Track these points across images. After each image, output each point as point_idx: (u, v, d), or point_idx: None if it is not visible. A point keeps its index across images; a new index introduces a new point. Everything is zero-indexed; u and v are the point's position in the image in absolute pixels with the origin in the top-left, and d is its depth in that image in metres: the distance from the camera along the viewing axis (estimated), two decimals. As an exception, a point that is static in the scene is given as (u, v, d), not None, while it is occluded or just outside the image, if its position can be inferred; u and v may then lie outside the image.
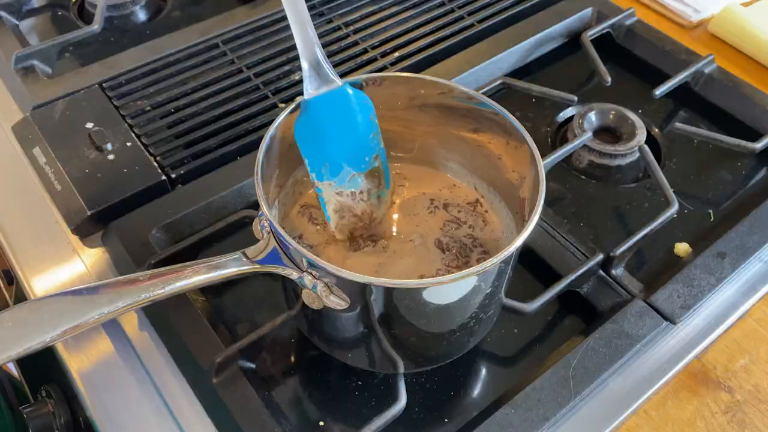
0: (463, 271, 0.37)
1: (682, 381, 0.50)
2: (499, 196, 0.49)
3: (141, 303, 0.35)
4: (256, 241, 0.42)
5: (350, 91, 0.45)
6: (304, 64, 0.43)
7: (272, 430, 0.44)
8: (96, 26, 0.71)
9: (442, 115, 0.48)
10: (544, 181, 0.40)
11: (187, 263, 0.37)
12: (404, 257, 0.46)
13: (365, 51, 0.71)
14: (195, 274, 0.37)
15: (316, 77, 0.44)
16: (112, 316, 0.34)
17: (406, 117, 0.49)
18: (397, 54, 0.70)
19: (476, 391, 0.50)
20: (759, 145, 0.61)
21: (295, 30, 0.43)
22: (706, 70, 0.68)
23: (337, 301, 0.38)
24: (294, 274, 0.38)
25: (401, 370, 0.46)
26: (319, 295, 0.38)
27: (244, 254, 0.39)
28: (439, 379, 0.50)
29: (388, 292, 0.38)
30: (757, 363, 0.51)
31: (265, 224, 0.39)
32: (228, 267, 0.38)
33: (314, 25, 0.72)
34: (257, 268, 0.39)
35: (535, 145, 0.43)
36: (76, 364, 0.50)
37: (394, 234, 0.48)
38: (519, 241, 0.37)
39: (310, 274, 0.38)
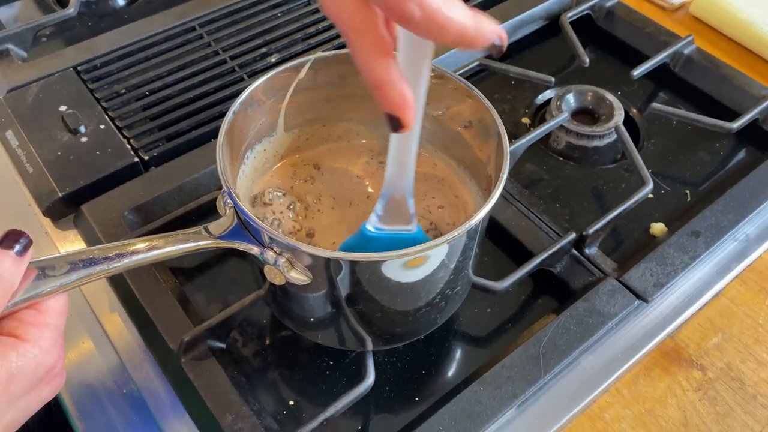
0: (426, 243, 0.37)
1: (654, 359, 0.50)
2: (469, 174, 0.48)
3: (96, 276, 0.35)
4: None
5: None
6: (382, 201, 0.39)
7: (240, 409, 0.44)
8: (71, 10, 0.70)
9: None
10: (507, 149, 0.40)
11: (145, 237, 0.37)
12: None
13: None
14: (152, 249, 0.36)
15: (392, 213, 0.39)
16: (65, 290, 0.34)
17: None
18: (375, 36, 0.70)
19: (448, 369, 0.49)
20: (736, 125, 0.61)
21: (393, 168, 0.38)
22: (685, 51, 0.68)
23: (299, 277, 0.38)
24: (255, 249, 0.38)
25: (370, 347, 0.45)
26: (281, 270, 0.38)
27: (206, 229, 0.39)
28: (411, 358, 0.49)
29: (351, 266, 0.38)
30: (730, 341, 0.51)
31: (228, 199, 0.39)
32: (187, 241, 0.38)
33: (296, 7, 0.72)
34: (217, 243, 0.39)
35: (495, 110, 0.42)
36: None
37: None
38: (483, 212, 0.37)
39: (272, 249, 0.38)
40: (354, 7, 0.29)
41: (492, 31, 0.30)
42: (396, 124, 0.31)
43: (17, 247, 0.33)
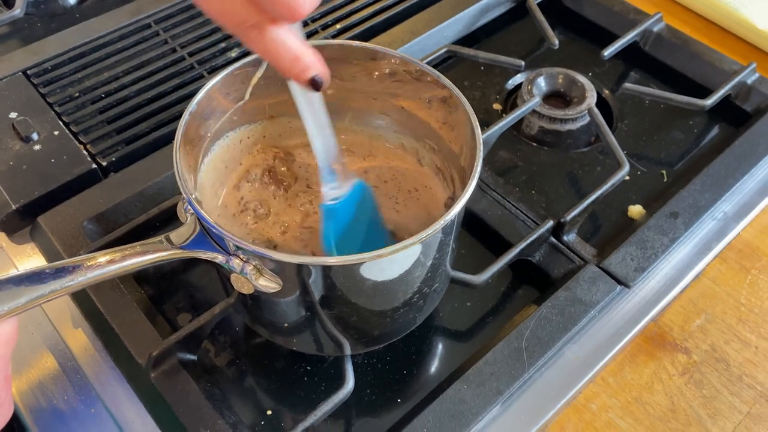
0: (400, 243, 0.35)
1: (638, 345, 0.49)
2: (445, 164, 0.47)
3: (47, 297, 0.32)
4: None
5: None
6: (325, 172, 0.39)
7: (215, 423, 0.42)
8: (18, 11, 0.67)
9: (380, 83, 0.46)
10: (480, 141, 0.38)
11: (102, 251, 0.35)
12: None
13: (305, 24, 0.68)
14: (109, 264, 0.34)
15: (335, 178, 0.40)
16: (13, 314, 0.31)
17: (344, 85, 0.46)
18: (338, 26, 0.68)
19: (430, 367, 0.48)
20: (709, 102, 0.60)
21: (313, 135, 0.38)
22: (655, 29, 0.67)
23: (268, 285, 0.36)
24: (220, 258, 0.36)
25: (348, 352, 0.44)
26: (248, 279, 0.36)
27: (167, 239, 0.37)
28: (392, 357, 0.48)
29: (324, 270, 0.36)
30: (713, 322, 0.50)
31: (189, 206, 0.37)
32: (146, 253, 0.35)
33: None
34: (180, 253, 0.36)
35: (466, 99, 0.41)
36: (6, 367, 0.47)
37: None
38: (457, 207, 0.36)
39: (238, 257, 0.36)
40: (241, 6, 0.30)
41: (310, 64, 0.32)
42: (319, 83, 0.33)
43: None
